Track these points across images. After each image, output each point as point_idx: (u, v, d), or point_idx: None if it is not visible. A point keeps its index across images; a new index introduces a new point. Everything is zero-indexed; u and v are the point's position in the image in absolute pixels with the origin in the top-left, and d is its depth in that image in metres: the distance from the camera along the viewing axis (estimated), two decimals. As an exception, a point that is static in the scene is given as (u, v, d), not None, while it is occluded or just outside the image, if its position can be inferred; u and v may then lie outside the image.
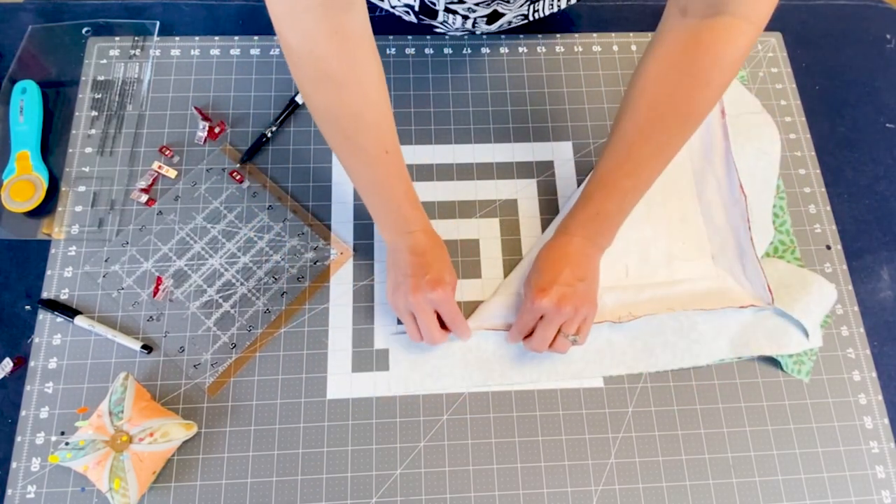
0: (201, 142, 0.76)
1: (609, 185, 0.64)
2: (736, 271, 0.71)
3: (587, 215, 0.65)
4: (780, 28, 0.86)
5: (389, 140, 0.62)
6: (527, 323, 0.65)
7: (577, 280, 0.64)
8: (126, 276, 0.70)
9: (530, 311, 0.64)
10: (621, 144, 0.62)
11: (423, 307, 0.64)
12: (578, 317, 0.64)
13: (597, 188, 0.64)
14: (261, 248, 0.71)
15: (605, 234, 0.66)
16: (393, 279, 0.66)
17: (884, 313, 0.73)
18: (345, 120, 0.59)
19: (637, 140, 0.61)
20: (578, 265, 0.65)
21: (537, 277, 0.65)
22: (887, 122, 0.82)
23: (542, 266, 0.65)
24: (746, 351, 0.68)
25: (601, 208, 0.64)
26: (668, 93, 0.59)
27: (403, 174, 0.64)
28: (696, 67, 0.57)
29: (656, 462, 0.65)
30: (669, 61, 0.59)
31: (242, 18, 0.83)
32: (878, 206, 0.78)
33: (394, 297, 0.66)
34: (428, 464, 0.64)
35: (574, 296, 0.63)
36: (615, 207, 0.64)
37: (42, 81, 0.77)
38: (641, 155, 0.62)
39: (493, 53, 0.83)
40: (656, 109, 0.60)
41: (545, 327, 0.64)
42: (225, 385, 0.66)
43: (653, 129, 0.61)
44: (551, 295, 0.63)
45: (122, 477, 0.59)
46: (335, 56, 0.55)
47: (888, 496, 0.65)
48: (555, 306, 0.63)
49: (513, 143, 0.78)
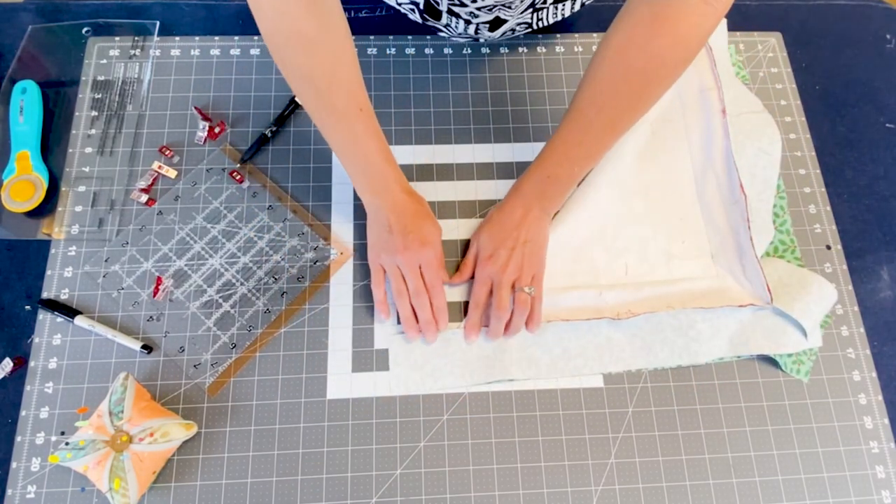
0: (201, 142, 0.76)
1: (561, 152, 0.67)
2: (735, 271, 0.71)
3: (538, 177, 0.69)
4: (780, 28, 0.86)
5: (362, 98, 0.64)
6: (479, 292, 0.68)
7: (522, 242, 0.68)
8: (126, 276, 0.70)
9: (480, 277, 0.68)
10: (576, 114, 0.65)
11: (412, 265, 0.67)
12: (526, 274, 0.67)
13: (550, 153, 0.68)
14: (261, 248, 0.72)
15: (554, 197, 0.70)
16: (375, 237, 0.69)
17: (884, 313, 0.73)
18: (318, 79, 0.60)
19: (591, 111, 0.63)
20: (524, 228, 0.68)
21: (485, 241, 0.69)
22: (887, 122, 0.82)
23: (490, 230, 0.70)
24: (745, 350, 0.68)
25: (552, 172, 0.68)
26: (624, 68, 0.60)
27: (378, 132, 0.66)
28: (653, 45, 0.58)
29: (656, 462, 0.65)
30: (629, 37, 0.59)
31: (242, 18, 0.83)
32: (878, 206, 0.78)
33: (377, 255, 0.68)
34: (428, 464, 0.64)
35: (519, 256, 0.67)
36: (565, 173, 0.68)
37: (42, 81, 0.77)
38: (594, 126, 0.64)
39: (493, 53, 0.83)
40: (612, 83, 0.61)
41: (499, 290, 0.67)
42: (225, 385, 0.66)
43: (606, 103, 0.62)
44: (496, 258, 0.67)
45: (122, 477, 0.59)
46: (307, 15, 0.56)
47: (888, 496, 0.65)
48: (500, 268, 0.67)
49: (512, 143, 0.78)
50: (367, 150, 0.65)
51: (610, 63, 0.61)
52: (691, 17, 0.56)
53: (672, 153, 0.78)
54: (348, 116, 0.63)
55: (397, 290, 0.68)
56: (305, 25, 0.57)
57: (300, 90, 0.63)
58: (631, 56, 0.59)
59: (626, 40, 0.60)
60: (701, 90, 0.79)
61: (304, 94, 0.63)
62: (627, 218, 0.74)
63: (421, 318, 0.67)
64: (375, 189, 0.68)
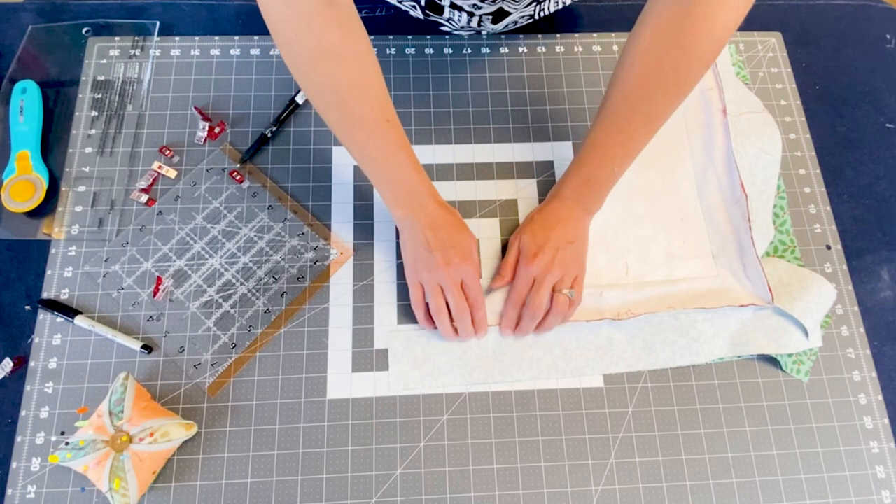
0: (201, 142, 0.76)
1: (599, 153, 0.66)
2: (736, 270, 0.71)
3: (578, 180, 0.68)
4: (780, 28, 0.86)
5: (388, 109, 0.63)
6: (520, 291, 0.67)
7: (566, 242, 0.67)
8: (126, 276, 0.70)
9: (522, 277, 0.67)
10: (611, 114, 0.64)
11: (454, 281, 0.66)
12: (569, 276, 0.67)
13: (588, 155, 0.67)
14: (261, 248, 0.71)
15: (595, 198, 0.69)
16: (413, 255, 0.67)
17: (884, 313, 0.73)
18: (345, 92, 0.59)
19: (626, 110, 0.63)
20: (567, 228, 0.68)
21: (528, 242, 0.68)
22: (887, 122, 0.82)
23: (533, 230, 0.69)
24: (746, 350, 0.68)
25: (592, 174, 0.67)
26: (656, 64, 0.60)
27: (407, 143, 0.64)
28: (684, 39, 0.58)
29: (656, 462, 0.65)
30: (658, 32, 0.59)
31: (242, 18, 0.83)
32: (878, 206, 0.78)
33: (416, 273, 0.67)
34: (428, 464, 0.64)
35: (564, 258, 0.67)
36: (605, 174, 0.67)
37: (42, 81, 0.77)
38: (630, 124, 0.64)
39: (493, 53, 0.83)
40: (645, 80, 0.61)
41: (538, 290, 0.66)
42: (225, 385, 0.66)
43: (641, 99, 0.62)
44: (540, 258, 0.66)
45: (122, 477, 0.59)
46: (331, 28, 0.56)
47: (888, 496, 0.65)
48: (544, 268, 0.66)
49: (513, 143, 0.78)
50: (397, 163, 0.64)
51: (642, 61, 0.61)
52: (720, 10, 0.56)
53: (673, 153, 0.78)
54: (377, 129, 0.61)
55: (437, 308, 0.66)
56: (329, 38, 0.56)
57: (325, 105, 0.61)
58: (662, 52, 0.60)
59: (655, 37, 0.60)
60: (701, 90, 0.79)
61: (330, 109, 0.61)
62: (628, 218, 0.74)
63: (461, 333, 0.67)
64: (409, 203, 0.65)
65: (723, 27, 0.58)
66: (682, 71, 0.60)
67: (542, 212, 0.70)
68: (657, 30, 0.60)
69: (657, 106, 0.63)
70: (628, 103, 0.63)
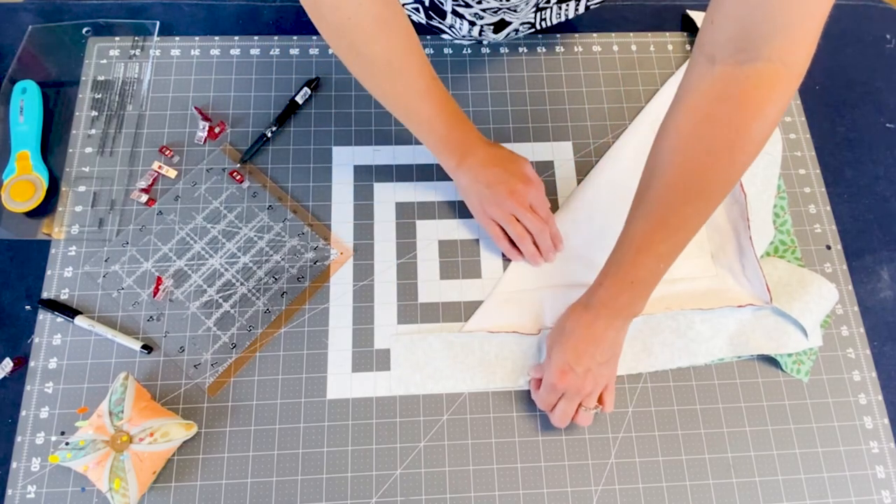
0: (201, 142, 0.76)
1: (643, 251, 0.58)
2: (735, 270, 0.71)
3: (620, 285, 0.60)
4: (780, 28, 0.86)
5: (431, 70, 0.65)
6: (549, 401, 0.63)
7: (600, 363, 0.62)
8: (126, 276, 0.70)
9: (551, 391, 0.63)
10: (654, 206, 0.57)
11: (524, 206, 0.68)
12: (598, 392, 0.63)
13: (628, 254, 0.59)
14: (261, 248, 0.71)
15: (637, 303, 0.61)
16: (477, 197, 0.70)
17: (884, 313, 0.73)
18: (398, 61, 0.62)
19: (673, 202, 0.56)
20: (604, 345, 0.62)
21: (560, 356, 0.62)
22: (887, 122, 0.82)
23: (562, 348, 0.62)
24: (745, 350, 0.68)
25: (635, 276, 0.59)
26: (705, 147, 0.53)
27: (450, 98, 0.67)
28: (734, 122, 0.52)
29: (656, 462, 0.65)
30: (702, 115, 0.53)
31: (242, 18, 0.83)
32: (878, 206, 0.78)
33: (486, 212, 0.70)
34: (428, 464, 0.64)
35: (597, 376, 0.62)
36: (649, 274, 0.59)
37: (42, 81, 0.77)
38: (679, 217, 0.56)
39: (494, 53, 0.83)
40: (693, 166, 0.54)
41: (566, 403, 0.63)
42: (225, 385, 0.66)
43: (689, 189, 0.55)
44: (571, 377, 0.61)
45: (122, 477, 0.59)
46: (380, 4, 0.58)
47: (888, 496, 0.65)
48: (575, 387, 0.62)
49: (513, 143, 0.78)
50: (447, 119, 0.66)
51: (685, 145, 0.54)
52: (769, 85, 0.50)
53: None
54: (427, 91, 0.64)
55: (520, 235, 0.69)
56: (380, 12, 0.58)
57: (374, 75, 0.63)
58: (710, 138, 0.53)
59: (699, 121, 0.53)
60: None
61: (385, 80, 0.63)
62: (627, 218, 0.74)
63: (543, 250, 0.71)
64: (462, 152, 0.68)
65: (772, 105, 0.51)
66: (735, 156, 0.53)
67: (578, 322, 0.62)
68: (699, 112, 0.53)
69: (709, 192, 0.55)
70: (674, 192, 0.55)
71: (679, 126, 0.55)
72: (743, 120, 0.51)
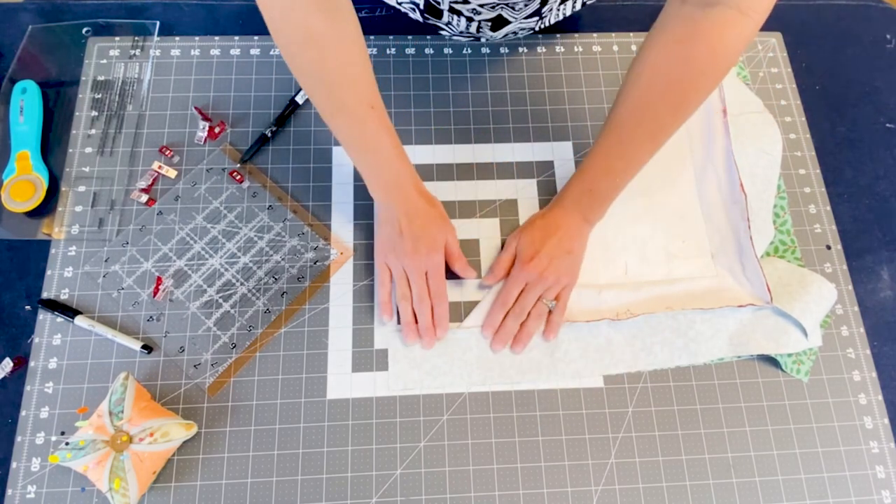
0: (201, 142, 0.76)
1: (602, 164, 0.67)
2: (735, 270, 0.71)
3: (581, 190, 0.69)
4: (780, 28, 0.86)
5: (373, 95, 0.63)
6: (511, 295, 0.68)
7: (563, 252, 0.68)
8: (126, 276, 0.70)
9: (514, 279, 0.68)
10: (616, 126, 0.65)
11: (419, 271, 0.67)
12: (558, 285, 0.68)
13: (591, 165, 0.68)
14: (261, 248, 0.71)
15: (597, 209, 0.69)
16: (385, 238, 0.69)
17: (884, 313, 0.73)
18: (329, 76, 0.60)
19: (631, 123, 0.64)
20: (566, 237, 0.69)
21: (526, 245, 0.69)
22: (887, 122, 0.82)
23: (532, 234, 0.69)
24: (745, 350, 0.68)
25: (594, 186, 0.68)
26: (663, 80, 0.61)
27: (390, 129, 0.65)
28: (692, 57, 0.58)
29: (656, 462, 0.65)
30: (666, 49, 0.60)
31: (242, 18, 0.83)
32: (878, 206, 0.78)
33: (385, 256, 0.69)
34: (428, 464, 0.64)
35: (559, 267, 0.68)
36: (607, 186, 0.67)
37: (42, 81, 0.77)
38: (634, 138, 0.64)
39: (493, 53, 0.83)
40: (650, 95, 0.62)
41: (526, 294, 0.68)
42: (225, 385, 0.66)
43: (646, 114, 0.63)
44: (535, 263, 0.67)
45: (122, 477, 0.59)
46: (317, 12, 0.57)
47: (888, 496, 0.65)
48: (538, 275, 0.67)
49: (513, 143, 0.78)
50: (378, 147, 0.65)
51: (648, 76, 0.61)
52: (728, 29, 0.56)
53: (673, 152, 0.78)
54: (360, 115, 0.63)
55: (402, 294, 0.68)
56: (315, 22, 0.57)
57: (309, 87, 0.63)
58: (669, 69, 0.60)
59: (663, 54, 0.60)
60: (701, 90, 0.79)
61: (314, 92, 0.63)
62: (627, 217, 0.74)
63: (421, 324, 0.67)
64: (388, 187, 0.67)
65: (729, 47, 0.58)
66: (689, 87, 0.61)
67: (543, 217, 0.71)
68: (665, 46, 0.60)
69: (661, 122, 0.63)
70: (633, 117, 0.63)
71: (645, 58, 0.61)
72: (697, 58, 0.58)
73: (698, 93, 0.61)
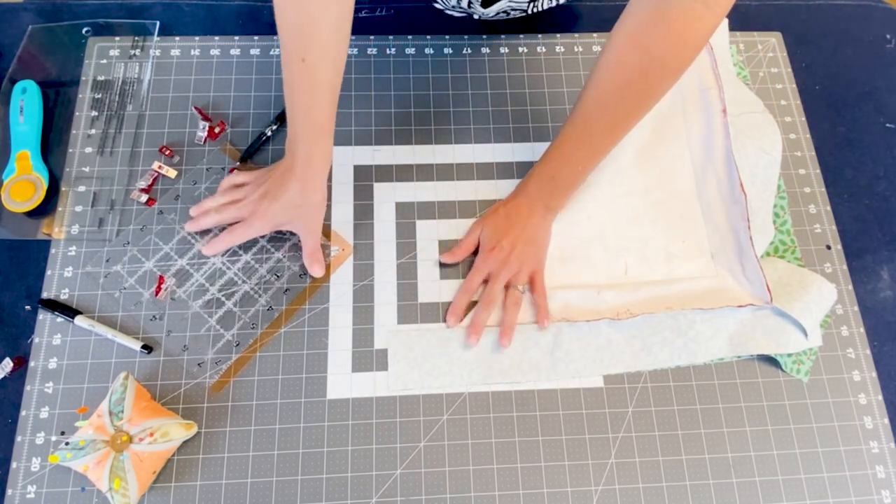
0: (201, 142, 0.76)
1: (565, 153, 0.68)
2: (735, 270, 0.71)
3: (544, 178, 0.70)
4: (780, 28, 0.86)
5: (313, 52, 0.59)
6: (474, 282, 0.69)
7: (525, 240, 0.69)
8: (127, 275, 0.70)
9: (479, 267, 0.69)
10: (580, 116, 0.66)
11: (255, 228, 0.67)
12: (524, 272, 0.69)
13: (554, 154, 0.69)
14: (262, 245, 0.72)
15: (559, 197, 0.71)
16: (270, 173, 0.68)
17: (884, 313, 0.73)
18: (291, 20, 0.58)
19: (594, 112, 0.65)
20: (529, 226, 0.69)
21: (489, 234, 0.70)
22: (887, 122, 0.82)
23: (495, 223, 0.70)
24: (745, 350, 0.68)
25: (557, 173, 0.69)
26: (625, 69, 0.62)
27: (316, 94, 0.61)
28: (654, 48, 0.59)
29: (656, 462, 0.65)
30: (630, 37, 0.61)
31: (242, 18, 0.83)
32: (878, 206, 0.78)
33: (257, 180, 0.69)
34: (428, 464, 0.64)
35: (521, 254, 0.68)
36: (569, 174, 0.69)
37: (42, 81, 0.77)
38: (598, 127, 0.66)
39: (493, 53, 0.83)
40: (614, 84, 0.63)
41: (492, 283, 0.68)
42: (225, 385, 0.66)
43: (609, 103, 0.64)
44: (497, 253, 0.68)
45: (122, 477, 0.59)
46: None
47: (888, 496, 0.65)
48: (500, 263, 0.68)
49: (513, 143, 0.78)
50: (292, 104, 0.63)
51: (612, 66, 0.62)
52: (691, 20, 0.57)
53: (672, 152, 0.78)
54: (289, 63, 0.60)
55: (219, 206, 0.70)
56: None
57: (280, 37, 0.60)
58: (633, 59, 0.61)
59: (627, 44, 0.61)
60: (702, 89, 0.79)
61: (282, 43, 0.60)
62: (627, 217, 0.74)
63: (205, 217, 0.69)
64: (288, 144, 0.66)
65: (693, 36, 0.59)
66: (651, 78, 0.61)
67: (506, 205, 0.72)
68: (629, 35, 0.61)
69: (624, 111, 0.64)
70: (597, 106, 0.65)
71: (612, 47, 0.62)
72: (659, 51, 0.59)
73: (660, 84, 0.62)
